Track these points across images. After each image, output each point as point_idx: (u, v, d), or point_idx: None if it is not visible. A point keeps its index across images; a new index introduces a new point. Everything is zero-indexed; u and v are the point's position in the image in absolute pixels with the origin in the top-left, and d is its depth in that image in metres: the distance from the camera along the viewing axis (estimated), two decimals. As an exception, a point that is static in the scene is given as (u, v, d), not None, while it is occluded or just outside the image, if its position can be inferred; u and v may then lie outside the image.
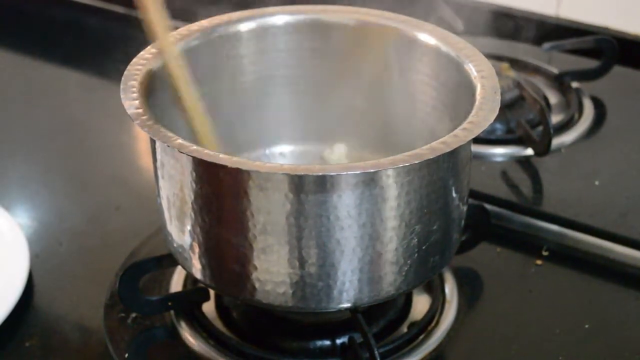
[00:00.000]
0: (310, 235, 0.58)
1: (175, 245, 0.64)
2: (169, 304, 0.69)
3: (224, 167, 0.55)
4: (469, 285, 0.74)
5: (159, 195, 0.64)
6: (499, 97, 0.62)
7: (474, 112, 0.60)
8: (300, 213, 0.57)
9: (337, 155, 0.77)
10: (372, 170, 0.55)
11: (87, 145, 0.98)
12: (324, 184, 0.56)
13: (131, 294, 0.67)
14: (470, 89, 0.64)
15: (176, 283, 0.73)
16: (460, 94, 0.66)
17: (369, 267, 0.60)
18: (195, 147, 0.56)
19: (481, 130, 0.58)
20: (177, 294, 0.71)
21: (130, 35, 1.11)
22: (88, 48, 1.19)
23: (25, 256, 0.76)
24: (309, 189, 0.56)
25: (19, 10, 1.29)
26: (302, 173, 0.55)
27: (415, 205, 0.59)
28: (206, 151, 0.56)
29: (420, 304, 0.71)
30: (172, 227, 0.64)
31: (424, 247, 0.61)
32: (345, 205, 0.57)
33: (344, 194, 0.56)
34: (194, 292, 0.70)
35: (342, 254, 0.58)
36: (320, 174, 0.55)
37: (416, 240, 0.60)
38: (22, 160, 0.96)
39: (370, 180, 0.57)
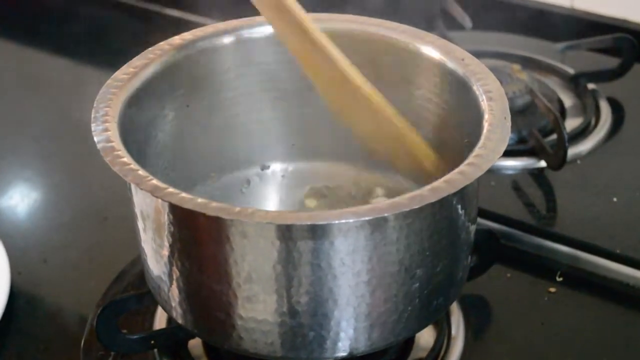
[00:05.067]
0: (299, 284, 0.52)
1: (154, 286, 0.59)
2: (152, 342, 0.63)
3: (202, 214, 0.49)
4: (477, 316, 0.68)
5: (136, 231, 0.59)
6: (509, 124, 0.56)
7: (481, 142, 0.55)
8: (288, 261, 0.51)
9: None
10: (367, 218, 0.50)
11: (75, 148, 0.92)
12: (314, 231, 0.50)
13: (110, 332, 0.61)
14: (478, 111, 0.58)
15: (161, 317, 0.68)
16: (466, 114, 0.60)
17: (365, 316, 0.54)
18: (171, 190, 0.50)
19: (490, 165, 0.53)
20: (160, 331, 0.65)
21: (126, 24, 1.07)
22: (82, 36, 1.13)
23: (6, 273, 0.72)
24: (298, 236, 0.50)
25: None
26: (290, 222, 0.49)
27: (416, 248, 0.53)
28: (182, 195, 0.50)
29: (424, 339, 0.66)
30: (152, 268, 0.59)
31: (425, 292, 0.56)
32: (338, 252, 0.51)
33: (337, 240, 0.51)
34: (179, 329, 0.64)
35: (335, 303, 0.53)
36: (309, 223, 0.49)
37: (417, 284, 0.55)
38: (3, 166, 0.91)
39: (365, 226, 0.51)
